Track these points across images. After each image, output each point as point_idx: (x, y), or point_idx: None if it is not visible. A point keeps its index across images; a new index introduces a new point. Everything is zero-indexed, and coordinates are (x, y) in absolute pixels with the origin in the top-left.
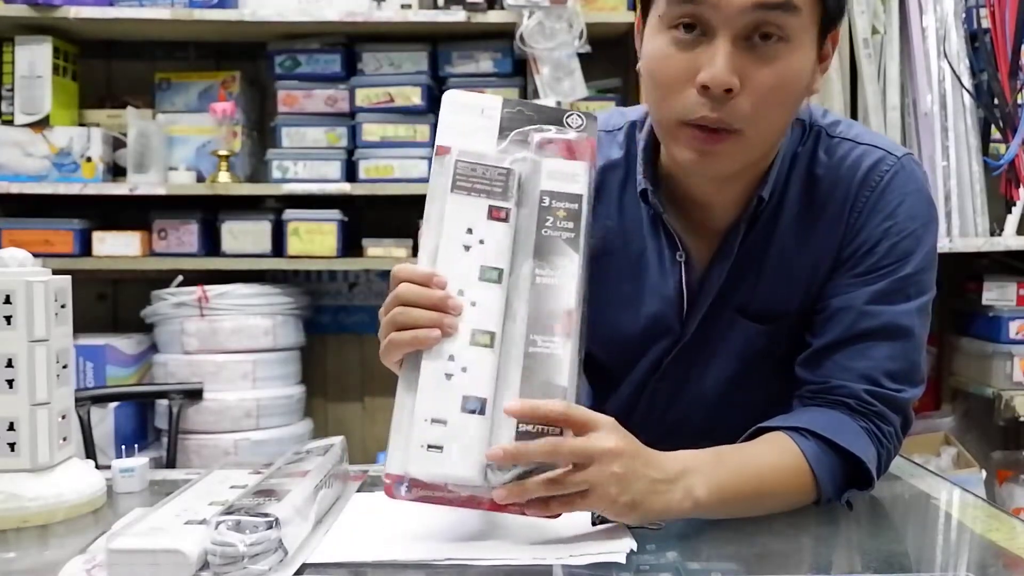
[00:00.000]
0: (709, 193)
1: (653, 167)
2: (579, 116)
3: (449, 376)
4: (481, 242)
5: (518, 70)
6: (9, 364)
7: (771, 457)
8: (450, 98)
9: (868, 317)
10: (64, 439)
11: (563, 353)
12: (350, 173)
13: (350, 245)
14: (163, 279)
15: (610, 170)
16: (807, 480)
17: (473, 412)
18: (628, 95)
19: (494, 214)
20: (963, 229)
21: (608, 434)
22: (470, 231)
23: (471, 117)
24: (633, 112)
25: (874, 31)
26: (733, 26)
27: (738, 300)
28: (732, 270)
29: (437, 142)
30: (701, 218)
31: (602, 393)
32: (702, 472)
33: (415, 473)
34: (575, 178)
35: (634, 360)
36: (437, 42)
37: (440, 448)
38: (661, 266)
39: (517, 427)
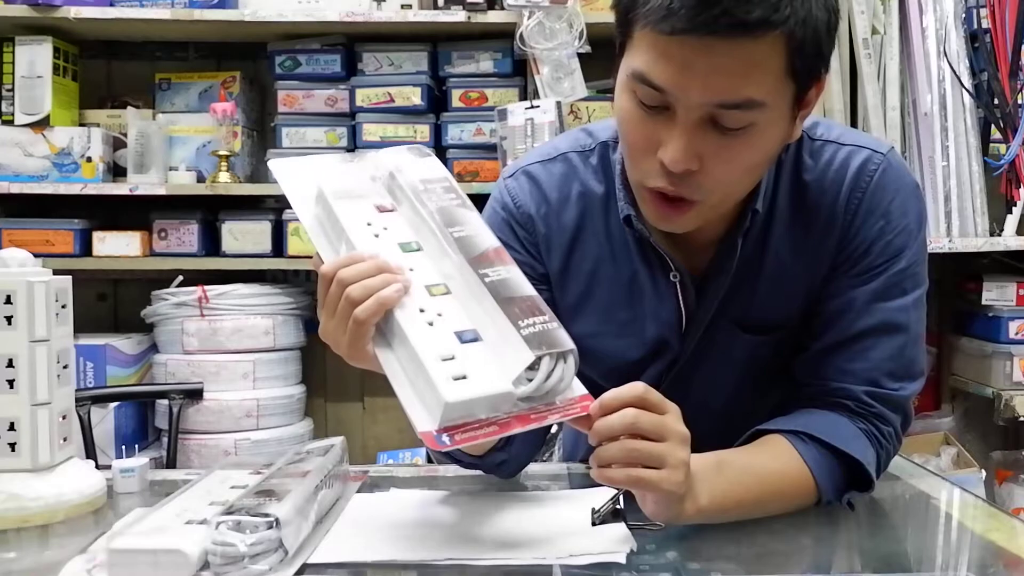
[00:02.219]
0: None
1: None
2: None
3: (431, 324)
4: (385, 229)
5: (518, 70)
6: (10, 364)
7: (771, 462)
8: (278, 165)
9: (865, 316)
10: (64, 439)
11: (514, 275)
12: None
13: None
14: (163, 279)
15: (590, 198)
16: (807, 484)
17: (472, 341)
18: None
19: (381, 209)
20: (963, 229)
21: (678, 420)
22: (369, 224)
23: (310, 170)
24: (603, 131)
25: (874, 31)
26: (692, 115)
27: (736, 313)
28: (731, 285)
29: (294, 198)
30: (687, 234)
31: None
32: (705, 479)
33: (454, 401)
34: (431, 167)
35: (632, 380)
36: (437, 42)
37: (464, 376)
38: (656, 289)
39: (520, 334)
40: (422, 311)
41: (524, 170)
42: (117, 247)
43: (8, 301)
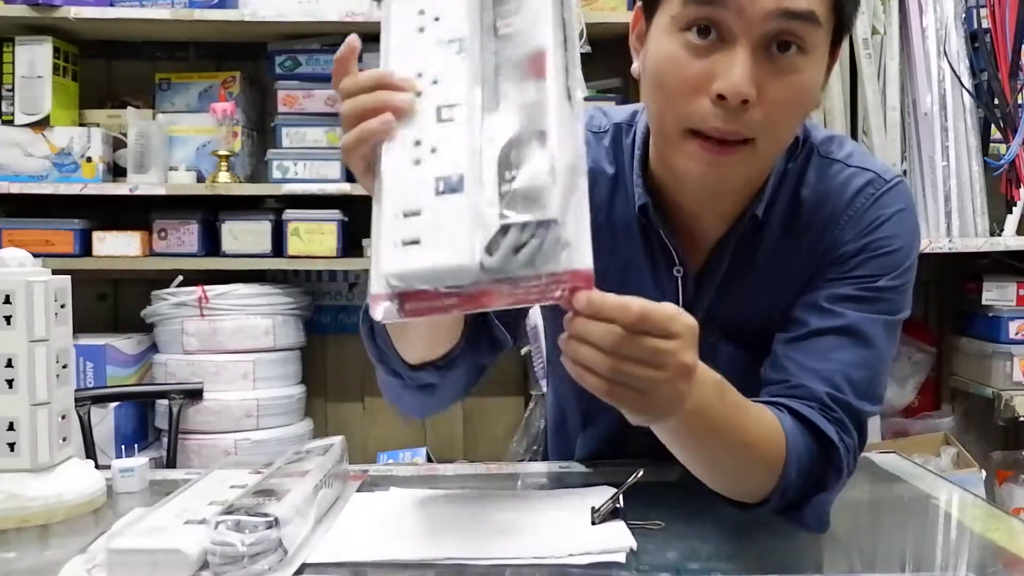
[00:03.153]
0: (701, 205)
1: (644, 176)
2: None
3: (417, 162)
4: (436, 19)
5: None
6: (9, 364)
7: (756, 411)
8: None
9: (830, 316)
10: (64, 439)
11: (542, 97)
12: (350, 173)
13: (350, 245)
14: (163, 279)
15: (599, 177)
16: (780, 451)
17: (450, 191)
18: (628, 95)
19: None
20: (963, 229)
21: (688, 348)
22: (421, 12)
23: None
24: (617, 113)
25: (874, 31)
26: (754, 33)
27: (725, 319)
28: (720, 287)
29: None
30: (689, 229)
31: (594, 408)
32: (700, 387)
33: (390, 272)
34: None
35: None
36: None
37: (417, 241)
38: (656, 282)
39: (499, 188)
40: (417, 143)
41: None
42: (117, 247)
43: (7, 301)
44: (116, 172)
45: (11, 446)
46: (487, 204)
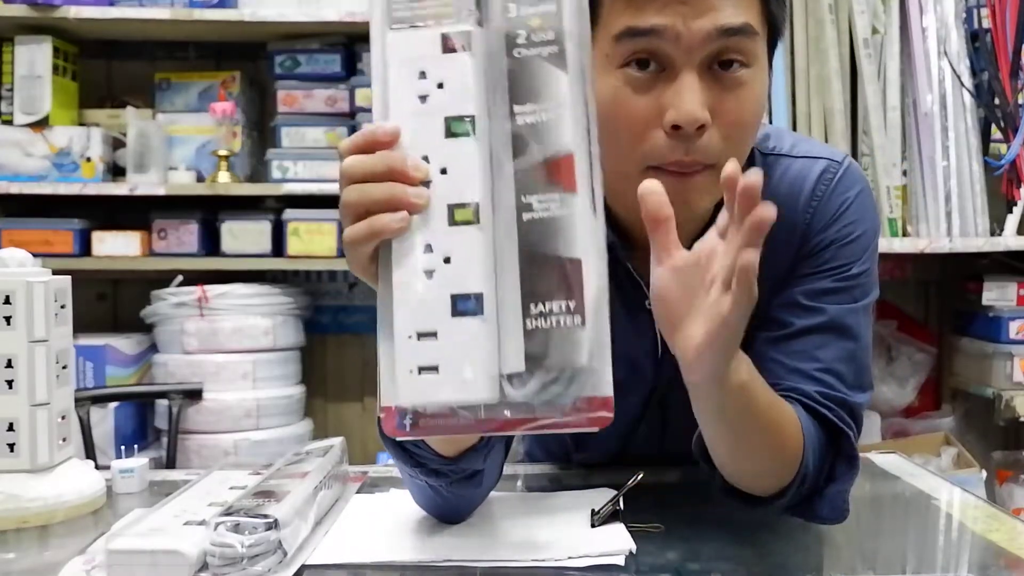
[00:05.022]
0: None
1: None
2: None
3: (430, 273)
4: (440, 86)
5: None
6: (9, 364)
7: (782, 399)
8: None
9: (811, 313)
10: (64, 439)
11: (570, 212)
12: None
13: None
14: (163, 279)
15: None
16: (800, 437)
17: (468, 314)
18: None
19: (449, 44)
20: (963, 229)
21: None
22: (423, 75)
23: None
24: None
25: (874, 31)
26: (696, 57)
27: None
28: None
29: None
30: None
31: (583, 438)
32: (747, 360)
33: (408, 402)
34: None
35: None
36: None
37: (435, 369)
38: (632, 319)
39: (524, 322)
40: (429, 248)
41: None
42: (117, 247)
43: (7, 301)
44: (116, 172)
45: (11, 447)
46: (510, 335)
